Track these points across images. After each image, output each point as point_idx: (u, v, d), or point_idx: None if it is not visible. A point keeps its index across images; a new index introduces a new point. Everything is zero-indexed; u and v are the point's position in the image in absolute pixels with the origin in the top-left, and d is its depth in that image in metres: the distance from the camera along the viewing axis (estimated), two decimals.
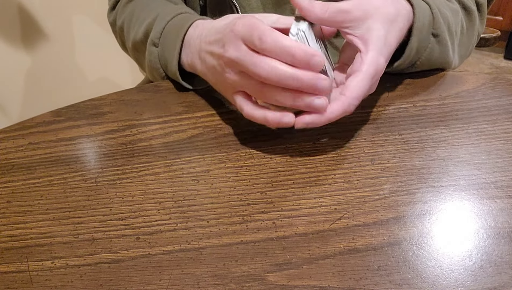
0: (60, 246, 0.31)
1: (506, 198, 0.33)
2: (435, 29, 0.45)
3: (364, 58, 0.37)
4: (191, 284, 0.28)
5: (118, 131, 0.44)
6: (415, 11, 0.42)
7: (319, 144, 0.40)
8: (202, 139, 0.42)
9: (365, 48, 0.38)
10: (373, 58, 0.37)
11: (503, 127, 0.41)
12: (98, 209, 0.34)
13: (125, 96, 0.50)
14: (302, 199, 0.34)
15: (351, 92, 0.36)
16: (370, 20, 0.38)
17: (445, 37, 0.46)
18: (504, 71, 2.17)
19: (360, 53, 0.38)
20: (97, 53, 1.42)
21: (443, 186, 0.34)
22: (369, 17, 0.38)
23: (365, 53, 0.37)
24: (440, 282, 0.27)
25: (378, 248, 0.30)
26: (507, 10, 2.16)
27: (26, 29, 1.28)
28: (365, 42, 0.38)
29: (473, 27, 0.53)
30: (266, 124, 0.37)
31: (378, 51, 0.38)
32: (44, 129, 0.45)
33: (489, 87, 0.47)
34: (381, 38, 0.38)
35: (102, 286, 0.28)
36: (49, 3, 1.29)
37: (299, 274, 0.28)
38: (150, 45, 0.50)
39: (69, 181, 0.37)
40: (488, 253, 0.29)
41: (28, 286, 0.29)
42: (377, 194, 0.34)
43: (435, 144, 0.39)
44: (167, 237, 0.32)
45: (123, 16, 0.57)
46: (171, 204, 0.34)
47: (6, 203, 0.36)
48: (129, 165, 0.39)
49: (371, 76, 0.37)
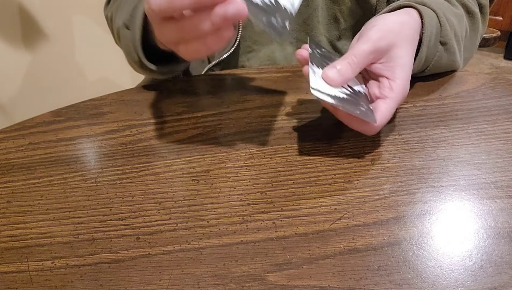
0: (60, 246, 0.31)
1: (506, 198, 0.33)
2: (442, 37, 0.45)
3: (393, 85, 0.38)
4: (191, 284, 0.28)
5: (118, 131, 0.44)
6: (424, 21, 0.42)
7: (319, 144, 0.40)
8: (202, 139, 0.42)
9: (392, 75, 0.38)
10: (402, 87, 0.38)
11: (503, 127, 0.41)
12: (98, 209, 0.34)
13: (125, 96, 0.50)
14: (302, 199, 0.34)
15: (381, 118, 0.37)
16: (395, 49, 0.39)
17: (452, 44, 0.46)
18: (504, 71, 2.17)
19: (388, 79, 0.38)
20: (97, 53, 1.42)
21: (443, 186, 0.34)
22: (393, 46, 0.39)
23: (393, 80, 0.38)
24: (440, 282, 0.27)
25: (378, 248, 0.30)
26: (507, 10, 2.16)
27: (26, 29, 1.28)
28: (392, 70, 0.38)
29: (477, 30, 0.53)
30: None
31: (405, 78, 0.39)
32: (44, 129, 0.45)
33: (489, 87, 0.47)
34: (406, 64, 0.39)
35: (102, 286, 0.28)
36: (49, 3, 1.29)
37: (299, 274, 0.28)
38: (123, 29, 0.49)
39: (69, 181, 0.37)
40: (488, 253, 0.29)
41: (28, 286, 0.29)
42: (377, 194, 0.34)
43: (435, 144, 0.39)
44: (167, 237, 0.32)
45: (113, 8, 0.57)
46: (171, 204, 0.34)
47: (6, 203, 0.36)
48: (129, 165, 0.39)
49: (399, 103, 0.39)
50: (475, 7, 0.52)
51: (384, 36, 0.38)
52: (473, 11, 0.51)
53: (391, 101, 0.38)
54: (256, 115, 0.45)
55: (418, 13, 0.43)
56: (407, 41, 0.40)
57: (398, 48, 0.39)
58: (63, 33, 1.35)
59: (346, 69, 0.36)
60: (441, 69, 0.48)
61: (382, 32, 0.38)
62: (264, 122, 0.44)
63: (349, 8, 0.58)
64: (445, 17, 0.45)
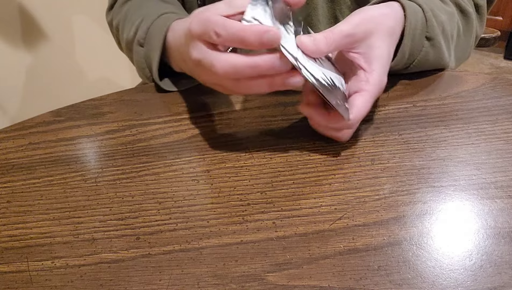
0: (60, 246, 0.31)
1: (506, 198, 0.33)
2: (429, 32, 0.45)
3: (369, 78, 0.38)
4: (191, 284, 0.28)
5: (118, 131, 0.44)
6: (406, 14, 0.42)
7: (319, 144, 0.40)
8: (202, 139, 0.42)
9: (369, 67, 0.38)
10: (378, 79, 0.38)
11: (503, 127, 0.41)
12: (98, 209, 0.34)
13: (125, 96, 0.50)
14: (302, 199, 0.34)
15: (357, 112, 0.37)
16: (372, 38, 0.38)
17: (439, 40, 0.46)
18: (504, 71, 2.17)
19: (364, 72, 0.38)
20: (97, 53, 1.42)
21: (443, 186, 0.34)
22: (370, 35, 0.38)
23: (370, 72, 0.38)
24: (440, 282, 0.27)
25: (378, 248, 0.30)
26: (507, 10, 2.16)
27: (26, 29, 1.28)
28: (369, 61, 0.38)
29: (471, 29, 0.53)
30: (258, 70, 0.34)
31: (382, 70, 0.38)
32: (44, 129, 0.45)
33: (489, 87, 0.47)
34: (384, 56, 0.39)
35: (102, 286, 0.28)
36: (49, 3, 1.29)
37: (299, 274, 0.28)
38: (137, 45, 0.50)
39: (69, 181, 0.37)
40: (488, 253, 0.29)
41: (28, 286, 0.29)
42: (377, 194, 0.34)
43: (435, 144, 0.39)
44: (167, 237, 0.32)
45: (119, 16, 0.57)
46: (171, 204, 0.34)
47: (6, 203, 0.36)
48: (129, 165, 0.39)
49: (375, 96, 0.38)
50: (469, 6, 0.52)
51: (363, 23, 0.38)
52: (466, 10, 0.51)
53: (367, 94, 0.37)
54: (256, 115, 0.45)
55: (400, 6, 0.43)
56: (386, 32, 0.39)
57: (375, 38, 0.38)
58: (63, 33, 1.35)
59: (321, 40, 0.36)
60: (428, 66, 0.48)
61: (362, 19, 0.38)
62: (264, 122, 0.44)
63: (349, 7, 0.58)
64: (432, 13, 0.45)
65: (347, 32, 0.37)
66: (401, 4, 0.43)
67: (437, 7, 0.47)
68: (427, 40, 0.45)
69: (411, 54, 0.45)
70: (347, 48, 0.38)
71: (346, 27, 0.37)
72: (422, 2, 0.45)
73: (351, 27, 0.37)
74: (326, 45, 0.36)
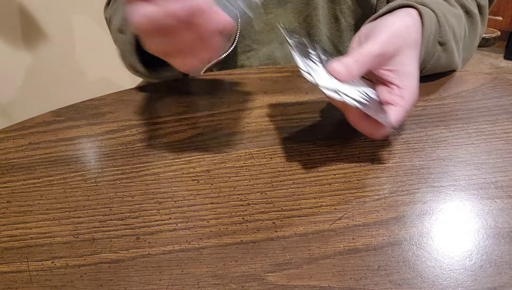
0: (60, 246, 0.31)
1: (506, 198, 0.33)
2: (441, 37, 0.45)
3: (404, 94, 0.38)
4: (191, 284, 0.28)
5: (118, 131, 0.44)
6: (424, 22, 0.42)
7: (319, 144, 0.40)
8: (202, 139, 0.42)
9: (401, 83, 0.38)
10: (412, 95, 0.38)
11: (503, 127, 0.41)
12: (98, 209, 0.34)
13: (125, 96, 0.50)
14: (302, 199, 0.34)
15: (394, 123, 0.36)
16: (402, 55, 0.38)
17: (451, 45, 0.46)
18: (504, 71, 2.17)
19: (399, 88, 0.38)
20: (97, 53, 1.42)
21: (443, 186, 0.34)
22: (400, 51, 0.38)
23: (404, 89, 0.38)
24: (440, 282, 0.27)
25: (378, 248, 0.30)
26: (507, 10, 2.16)
27: (26, 29, 1.28)
28: (401, 77, 0.38)
29: (475, 30, 0.53)
30: None
31: (415, 86, 0.38)
32: (44, 129, 0.45)
33: (489, 87, 0.47)
34: (415, 71, 0.39)
35: (102, 286, 0.28)
36: (49, 3, 1.29)
37: (299, 274, 0.28)
38: (118, 33, 0.49)
39: (69, 181, 0.37)
40: (488, 253, 0.29)
41: (28, 286, 0.29)
42: (377, 194, 0.34)
43: (435, 144, 0.39)
44: (167, 237, 0.32)
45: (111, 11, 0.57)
46: (171, 204, 0.34)
47: (6, 203, 0.36)
48: (129, 165, 0.39)
49: (409, 111, 0.38)
50: (474, 8, 0.52)
51: (391, 40, 0.38)
52: (472, 11, 0.51)
53: (401, 108, 0.37)
54: (256, 115, 0.45)
55: (418, 13, 0.43)
56: (413, 46, 0.40)
57: (405, 54, 0.39)
58: (63, 33, 1.35)
59: (352, 64, 0.36)
60: (440, 69, 0.48)
61: (390, 37, 0.38)
62: (264, 122, 0.44)
63: (349, 7, 0.58)
64: (444, 17, 0.45)
65: (377, 52, 0.37)
66: (418, 11, 0.43)
67: (447, 10, 0.47)
68: (440, 45, 0.45)
69: (424, 60, 0.45)
70: (378, 67, 0.39)
71: (376, 47, 0.37)
72: (435, 7, 0.45)
73: (380, 47, 0.37)
74: (359, 69, 0.36)
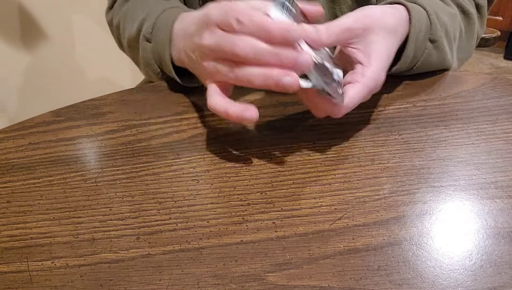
0: (60, 246, 0.31)
1: (506, 198, 0.33)
2: (432, 34, 0.45)
3: (365, 71, 0.38)
4: (191, 284, 0.28)
5: (118, 131, 0.44)
6: (412, 17, 0.42)
7: (319, 144, 0.40)
8: (202, 139, 0.42)
9: (367, 61, 0.38)
10: (374, 73, 0.38)
11: (503, 127, 0.41)
12: (98, 209, 0.34)
13: (125, 96, 0.50)
14: (302, 199, 0.34)
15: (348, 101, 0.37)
16: (372, 34, 0.38)
17: (442, 42, 0.46)
18: (504, 71, 2.17)
19: (362, 66, 0.38)
20: (97, 53, 1.41)
21: (443, 186, 0.34)
22: (370, 31, 0.38)
23: (367, 66, 0.38)
24: (440, 282, 0.27)
25: (378, 248, 0.30)
26: (507, 10, 2.16)
27: (26, 29, 1.28)
28: (367, 56, 0.38)
29: (472, 30, 0.53)
30: (228, 118, 0.36)
31: (379, 65, 0.38)
32: (44, 129, 0.45)
33: (489, 87, 0.47)
34: (382, 52, 0.39)
35: (102, 286, 0.28)
36: (49, 3, 1.29)
37: (299, 274, 0.28)
38: (143, 41, 0.49)
39: (69, 181, 0.37)
40: (488, 253, 0.29)
41: (28, 286, 0.29)
42: (377, 194, 0.34)
43: (435, 144, 0.39)
44: (167, 237, 0.32)
45: (119, 15, 0.57)
46: (171, 204, 0.34)
47: (6, 203, 0.36)
48: (129, 165, 0.39)
49: (369, 90, 0.38)
50: (471, 7, 0.52)
51: (363, 18, 0.38)
52: (469, 11, 0.51)
53: (360, 85, 0.37)
54: None
55: (406, 9, 0.43)
56: (386, 29, 0.40)
57: (374, 34, 0.39)
58: (63, 33, 1.35)
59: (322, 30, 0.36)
60: (431, 67, 0.48)
61: (363, 15, 0.39)
62: (264, 122, 0.44)
63: (349, 7, 0.58)
64: (436, 15, 0.45)
65: (347, 25, 0.37)
66: (406, 8, 0.43)
67: (440, 9, 0.47)
68: (431, 42, 0.45)
69: (414, 56, 0.45)
70: (346, 42, 0.38)
71: (347, 20, 0.38)
72: (426, 4, 0.45)
73: (351, 21, 0.38)
74: (327, 35, 0.36)
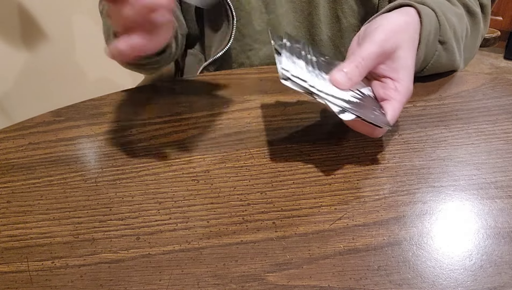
0: (60, 246, 0.31)
1: (506, 198, 0.33)
2: (441, 36, 0.45)
3: (398, 86, 0.38)
4: (191, 284, 0.28)
5: (118, 131, 0.44)
6: (422, 20, 0.42)
7: (319, 144, 0.40)
8: (202, 139, 0.42)
9: (397, 76, 0.38)
10: (406, 88, 0.38)
11: (503, 127, 0.41)
12: (98, 209, 0.34)
13: (125, 96, 0.50)
14: (302, 199, 0.34)
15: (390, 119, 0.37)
16: (398, 51, 0.39)
17: (451, 43, 0.46)
18: (504, 71, 2.17)
19: (393, 81, 0.38)
20: (97, 53, 1.41)
21: (443, 186, 0.34)
22: (397, 48, 0.39)
23: (399, 82, 0.38)
24: (440, 282, 0.27)
25: (378, 248, 0.30)
26: (507, 10, 2.16)
27: (26, 29, 1.28)
28: (396, 71, 0.38)
29: (478, 30, 0.53)
30: (119, 58, 0.36)
31: (409, 78, 0.39)
32: (44, 129, 0.45)
33: (489, 87, 0.47)
34: (409, 64, 0.39)
35: (102, 286, 0.28)
36: (49, 3, 1.29)
37: (299, 274, 0.28)
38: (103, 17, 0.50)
39: (69, 181, 0.37)
40: (488, 253, 0.29)
41: (28, 286, 0.29)
42: (377, 194, 0.34)
43: (435, 144, 0.39)
44: (167, 237, 0.32)
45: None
46: (171, 204, 0.34)
47: (6, 203, 0.36)
48: (129, 165, 0.39)
49: (404, 104, 0.38)
50: (477, 7, 0.52)
51: (390, 37, 0.38)
52: (474, 11, 0.51)
53: (397, 102, 0.37)
54: (256, 115, 0.45)
55: (416, 12, 0.43)
56: (410, 42, 0.40)
57: (401, 49, 0.39)
58: (63, 33, 1.35)
59: (354, 72, 0.36)
60: (441, 69, 0.48)
61: (387, 34, 0.38)
62: (264, 122, 0.44)
63: (350, 7, 0.58)
64: (445, 16, 0.45)
65: (377, 53, 0.37)
66: (416, 10, 0.43)
67: (448, 9, 0.47)
68: (440, 43, 0.45)
69: (425, 59, 0.45)
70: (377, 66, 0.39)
71: (374, 47, 0.37)
72: (435, 6, 0.45)
73: (379, 46, 0.37)
74: (360, 75, 0.36)
